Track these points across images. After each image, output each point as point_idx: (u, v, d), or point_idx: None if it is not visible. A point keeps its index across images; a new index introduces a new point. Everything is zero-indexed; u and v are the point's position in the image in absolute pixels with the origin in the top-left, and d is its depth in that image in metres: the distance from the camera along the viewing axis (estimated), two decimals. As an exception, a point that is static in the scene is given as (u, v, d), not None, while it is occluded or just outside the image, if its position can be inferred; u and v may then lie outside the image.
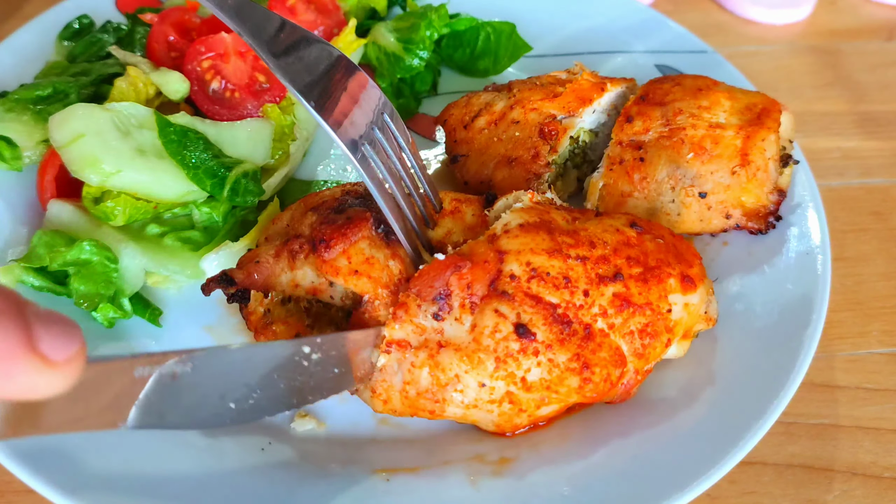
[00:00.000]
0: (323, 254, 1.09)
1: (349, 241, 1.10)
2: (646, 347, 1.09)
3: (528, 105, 1.44)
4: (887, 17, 2.24)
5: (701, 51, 1.78)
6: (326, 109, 1.03)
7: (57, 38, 1.64)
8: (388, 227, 1.12)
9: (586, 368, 1.05)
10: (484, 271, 1.05)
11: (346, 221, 1.12)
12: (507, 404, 1.05)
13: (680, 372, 1.21)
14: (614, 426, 1.15)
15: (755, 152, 1.34)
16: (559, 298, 1.06)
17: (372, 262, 1.10)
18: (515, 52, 1.78)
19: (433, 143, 1.68)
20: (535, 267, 1.06)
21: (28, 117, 1.38)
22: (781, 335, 1.23)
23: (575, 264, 1.08)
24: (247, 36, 1.01)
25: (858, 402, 1.33)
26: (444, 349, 1.03)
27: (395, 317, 1.04)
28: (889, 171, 1.77)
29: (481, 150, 1.46)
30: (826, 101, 1.95)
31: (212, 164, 1.29)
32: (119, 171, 1.24)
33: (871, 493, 1.21)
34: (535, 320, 1.04)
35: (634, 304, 1.09)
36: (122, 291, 1.24)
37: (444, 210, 1.21)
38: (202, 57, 1.45)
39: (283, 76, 1.00)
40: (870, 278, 1.54)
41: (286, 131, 1.45)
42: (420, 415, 1.07)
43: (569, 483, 1.05)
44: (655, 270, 1.11)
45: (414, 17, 1.73)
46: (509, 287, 1.05)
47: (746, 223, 1.37)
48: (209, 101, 1.44)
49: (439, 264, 1.05)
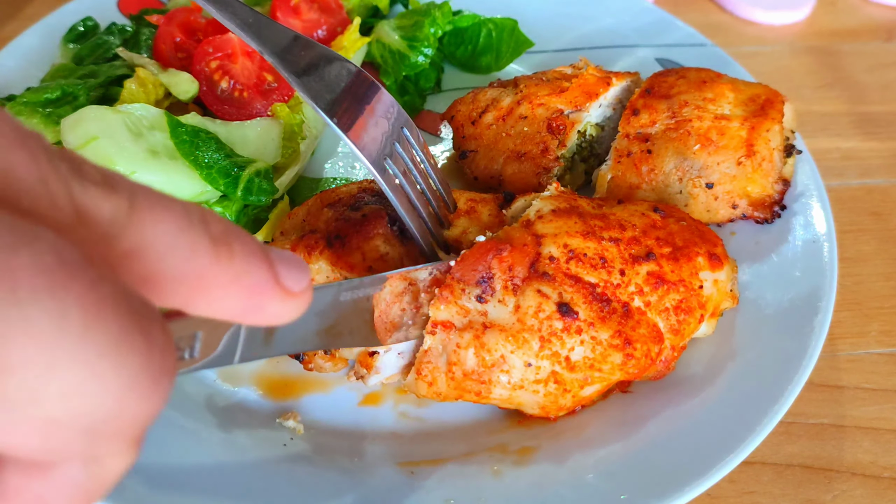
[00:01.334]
0: (339, 249, 1.11)
1: (364, 238, 1.12)
2: (681, 323, 1.12)
3: (535, 100, 1.46)
4: (887, 18, 2.25)
5: (700, 44, 1.81)
6: (350, 127, 1.04)
7: (62, 40, 1.64)
8: (403, 225, 1.13)
9: (628, 344, 1.07)
10: (523, 254, 1.07)
11: (362, 219, 1.13)
12: (553, 384, 1.06)
13: (700, 355, 1.23)
14: (631, 416, 1.16)
15: (760, 143, 1.36)
16: (597, 278, 1.08)
17: (386, 260, 1.12)
18: (517, 49, 1.80)
19: (438, 139, 1.70)
20: (573, 248, 1.09)
21: (37, 120, 1.38)
22: (793, 322, 1.25)
23: (609, 245, 1.11)
24: (269, 56, 1.02)
25: (858, 402, 1.33)
26: (489, 330, 1.05)
27: (441, 297, 1.05)
28: (888, 171, 1.78)
29: (490, 146, 1.47)
30: (825, 101, 1.96)
31: (224, 164, 1.30)
32: (133, 173, 1.24)
33: (870, 492, 1.21)
34: (576, 299, 1.06)
35: (668, 281, 1.12)
36: None
37: (459, 210, 1.22)
38: (210, 57, 1.45)
39: (305, 94, 1.02)
40: (869, 278, 1.54)
41: (295, 129, 1.46)
42: (465, 398, 1.08)
43: (593, 469, 1.07)
44: (684, 249, 1.15)
45: (417, 15, 1.74)
46: (549, 268, 1.07)
47: (752, 213, 1.39)
48: (218, 101, 1.44)
49: (480, 248, 1.07)
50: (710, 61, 1.71)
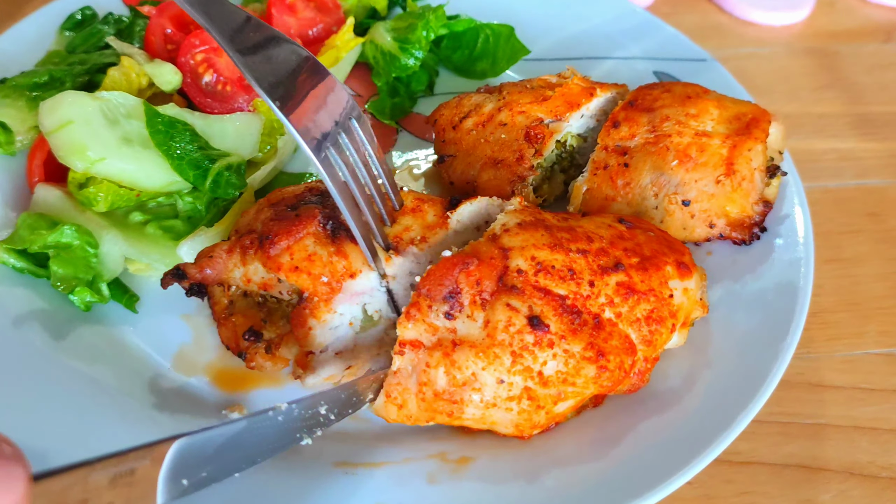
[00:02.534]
0: (268, 250, 1.11)
1: (293, 238, 1.11)
2: (653, 334, 1.11)
3: (516, 108, 1.44)
4: (885, 19, 2.24)
5: (700, 59, 1.77)
6: (291, 109, 1.04)
7: (59, 28, 1.68)
8: (337, 224, 1.12)
9: (601, 356, 1.05)
10: (491, 267, 1.06)
11: (293, 218, 1.13)
12: (526, 401, 1.05)
13: (664, 372, 1.21)
14: (571, 429, 1.15)
15: (741, 162, 1.33)
16: (566, 290, 1.07)
17: (313, 259, 1.10)
18: (514, 55, 1.79)
19: (427, 142, 1.69)
20: (541, 261, 1.07)
21: (23, 103, 1.42)
22: (758, 345, 1.22)
23: (577, 257, 1.10)
24: (214, 32, 1.02)
25: (855, 403, 1.34)
26: (458, 347, 1.03)
27: (408, 316, 1.03)
28: (885, 172, 1.77)
29: (468, 151, 1.46)
30: (823, 102, 1.95)
31: (196, 156, 1.31)
32: (104, 159, 1.26)
33: (867, 492, 1.22)
34: (546, 312, 1.04)
35: (638, 291, 1.10)
36: (101, 276, 1.26)
37: (405, 207, 1.21)
38: (196, 50, 1.47)
39: (248, 74, 1.01)
40: (866, 279, 1.54)
41: (275, 125, 1.47)
42: (437, 419, 1.06)
43: (526, 478, 1.06)
44: (653, 259, 1.13)
45: (412, 18, 1.74)
46: (517, 281, 1.06)
47: (730, 233, 1.36)
48: (201, 93, 1.46)
49: (446, 263, 1.06)
50: (710, 76, 1.68)
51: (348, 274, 1.10)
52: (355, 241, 1.11)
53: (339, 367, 1.12)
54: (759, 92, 1.95)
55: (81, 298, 1.24)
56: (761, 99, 1.92)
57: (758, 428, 1.28)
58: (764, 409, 1.25)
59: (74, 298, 1.24)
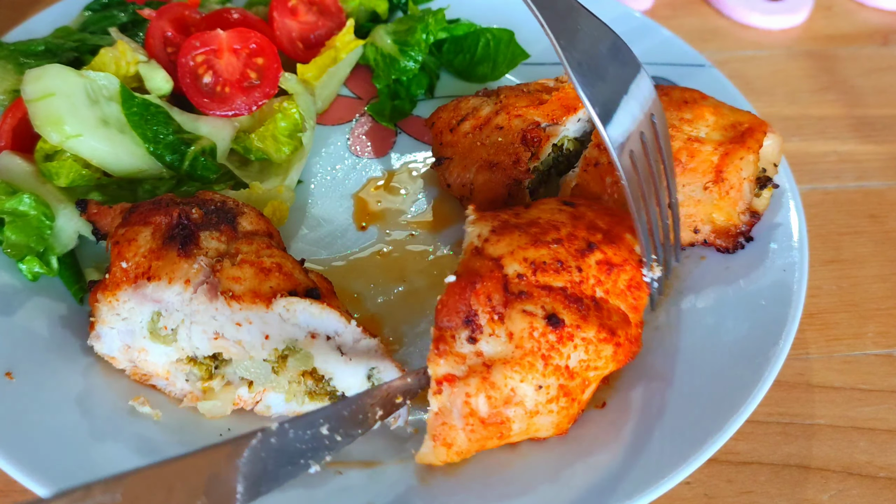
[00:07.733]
0: (124, 219, 1.20)
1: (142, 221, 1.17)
2: (637, 300, 1.14)
3: (512, 111, 1.45)
4: (882, 23, 2.24)
5: (699, 64, 1.78)
6: (611, 122, 1.11)
7: (84, 8, 1.71)
8: (188, 233, 1.14)
9: (613, 334, 1.08)
10: (494, 280, 1.07)
11: (157, 207, 1.19)
12: (563, 399, 1.06)
13: (640, 382, 1.22)
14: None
15: (730, 170, 1.33)
16: (563, 281, 1.09)
17: (132, 244, 1.14)
18: (514, 60, 1.80)
19: (425, 145, 1.70)
20: (532, 260, 1.09)
21: (12, 66, 1.46)
22: (748, 351, 1.22)
23: (557, 248, 1.12)
24: None
25: (854, 403, 1.35)
26: (492, 368, 1.02)
27: (439, 352, 1.02)
28: (884, 174, 1.79)
29: (465, 154, 1.47)
30: (822, 105, 1.97)
31: (172, 139, 1.37)
32: (79, 136, 1.31)
33: (866, 492, 1.23)
34: (557, 307, 1.06)
35: (615, 264, 1.14)
36: (53, 249, 1.29)
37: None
38: (196, 51, 1.48)
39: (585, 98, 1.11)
40: (865, 280, 1.56)
41: (298, 120, 1.50)
42: (488, 446, 1.06)
43: (519, 480, 1.07)
44: (612, 232, 1.18)
45: (412, 21, 1.75)
46: (522, 286, 1.07)
47: (714, 240, 1.37)
48: (200, 94, 1.48)
49: (453, 289, 1.05)
50: (706, 82, 1.69)
51: (146, 275, 1.11)
52: (188, 255, 1.12)
53: (120, 356, 1.16)
54: (759, 94, 1.97)
55: (30, 268, 1.27)
56: (761, 101, 1.94)
57: (757, 428, 1.30)
58: (763, 409, 1.27)
59: (23, 267, 1.27)
